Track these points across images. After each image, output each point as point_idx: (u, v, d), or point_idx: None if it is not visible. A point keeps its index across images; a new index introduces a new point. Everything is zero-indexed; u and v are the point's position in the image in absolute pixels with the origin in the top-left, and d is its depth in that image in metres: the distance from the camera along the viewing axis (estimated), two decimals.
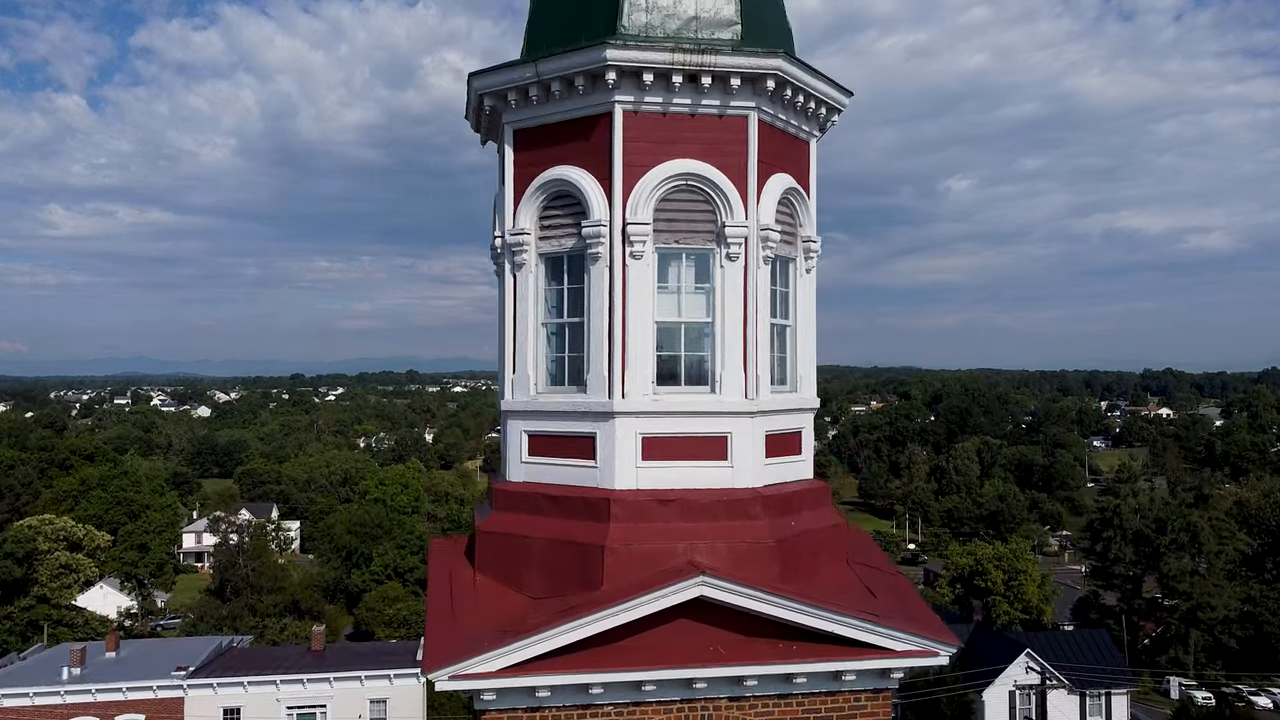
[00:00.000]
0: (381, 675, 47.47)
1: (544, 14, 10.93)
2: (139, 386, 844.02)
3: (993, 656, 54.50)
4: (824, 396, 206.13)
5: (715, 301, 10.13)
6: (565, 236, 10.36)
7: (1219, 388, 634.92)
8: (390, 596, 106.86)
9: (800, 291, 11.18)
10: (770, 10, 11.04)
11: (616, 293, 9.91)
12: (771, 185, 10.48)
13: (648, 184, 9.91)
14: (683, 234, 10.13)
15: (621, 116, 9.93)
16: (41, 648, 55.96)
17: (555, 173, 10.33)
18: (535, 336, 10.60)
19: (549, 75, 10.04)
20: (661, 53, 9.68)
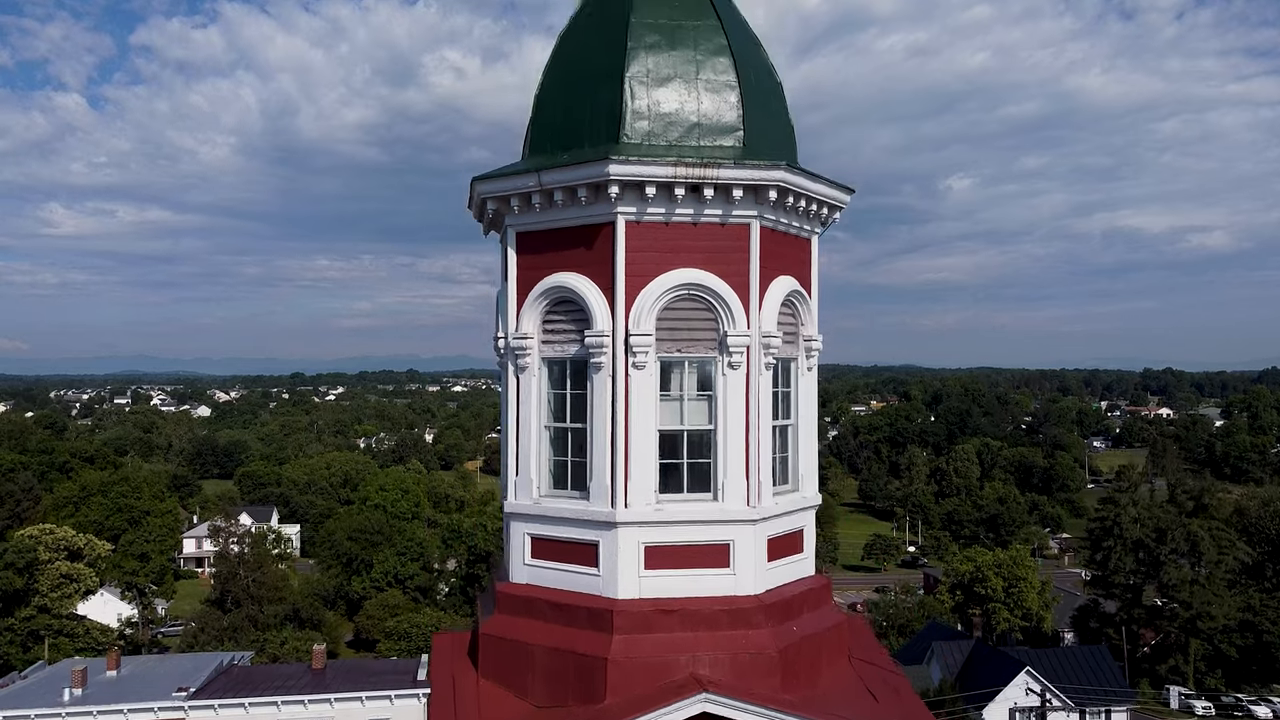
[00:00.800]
0: (383, 696, 47.54)
1: (547, 117, 10.92)
2: (139, 385, 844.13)
3: (992, 674, 54.58)
4: (824, 397, 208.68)
5: (717, 409, 10.15)
6: (568, 342, 10.37)
7: (1219, 387, 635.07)
8: (391, 604, 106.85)
9: (802, 389, 11.20)
10: (772, 111, 11.04)
11: (619, 401, 9.93)
12: (774, 290, 10.49)
13: (650, 294, 9.92)
14: (685, 343, 10.15)
15: (624, 226, 9.93)
16: (42, 665, 55.90)
17: (558, 279, 10.33)
18: (538, 439, 10.61)
19: (552, 185, 10.03)
20: (664, 166, 9.67)
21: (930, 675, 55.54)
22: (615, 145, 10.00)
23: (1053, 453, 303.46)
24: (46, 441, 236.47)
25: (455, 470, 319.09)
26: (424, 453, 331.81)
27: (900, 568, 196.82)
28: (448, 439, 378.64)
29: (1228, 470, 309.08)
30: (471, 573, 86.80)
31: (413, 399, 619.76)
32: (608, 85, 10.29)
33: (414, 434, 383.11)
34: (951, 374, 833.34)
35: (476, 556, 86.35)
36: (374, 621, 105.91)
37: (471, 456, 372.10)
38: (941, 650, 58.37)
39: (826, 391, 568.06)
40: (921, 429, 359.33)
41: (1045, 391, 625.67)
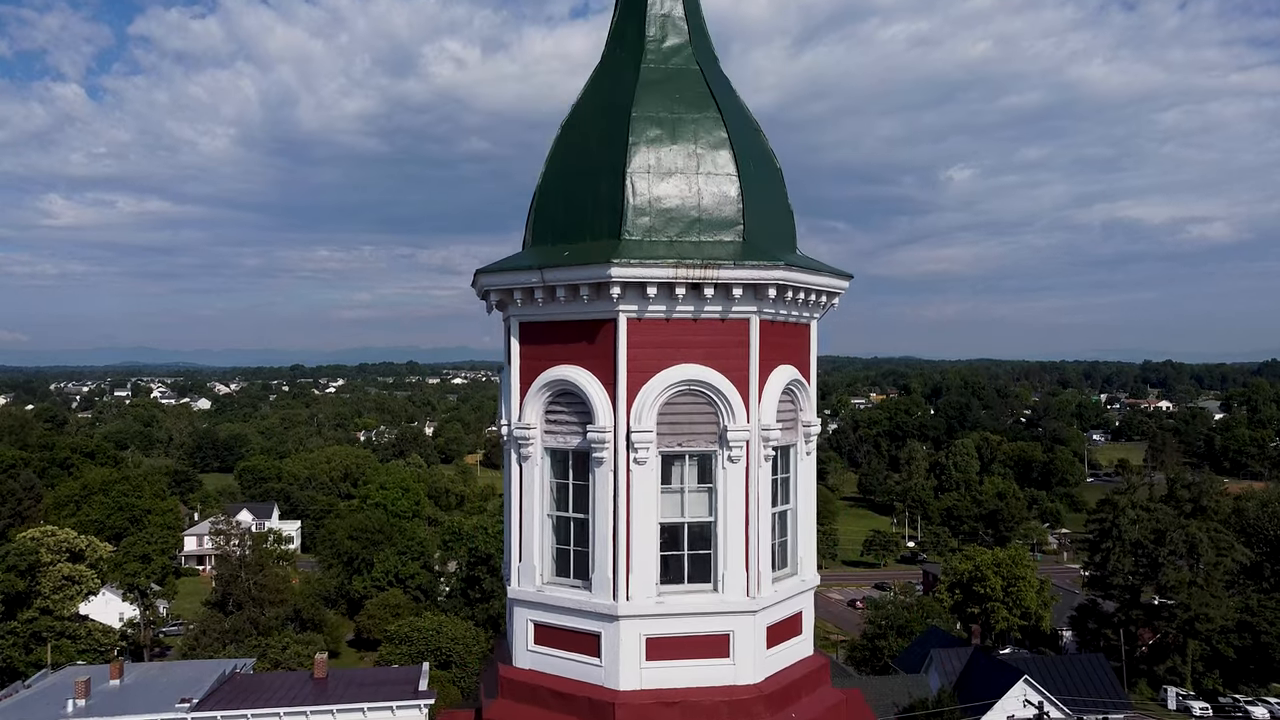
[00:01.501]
0: (384, 707, 47.90)
1: (550, 208, 11.04)
2: (139, 377, 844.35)
3: (991, 682, 54.90)
4: (823, 389, 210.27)
5: (718, 501, 10.30)
6: (570, 434, 10.52)
7: (1219, 380, 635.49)
8: (392, 604, 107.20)
9: (801, 473, 11.35)
10: (772, 200, 11.16)
11: (621, 495, 10.08)
12: (773, 381, 10.63)
13: (652, 391, 10.06)
14: (686, 437, 10.29)
15: (626, 323, 10.06)
16: (45, 673, 56.17)
17: (560, 372, 10.47)
18: (541, 527, 10.76)
19: (554, 282, 10.16)
20: (666, 268, 9.79)
21: (929, 684, 55.85)
22: (617, 242, 10.12)
23: (1052, 447, 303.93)
24: (47, 437, 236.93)
25: (455, 464, 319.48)
26: (424, 447, 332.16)
27: (900, 563, 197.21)
28: (448, 432, 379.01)
29: (1227, 464, 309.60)
30: (472, 574, 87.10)
31: (413, 391, 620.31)
32: (609, 180, 10.41)
33: (414, 428, 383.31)
34: (951, 365, 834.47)
35: (477, 559, 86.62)
36: (375, 621, 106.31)
37: (471, 450, 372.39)
38: (940, 658, 58.69)
39: (826, 384, 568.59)
40: (921, 423, 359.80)
41: (1045, 384, 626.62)
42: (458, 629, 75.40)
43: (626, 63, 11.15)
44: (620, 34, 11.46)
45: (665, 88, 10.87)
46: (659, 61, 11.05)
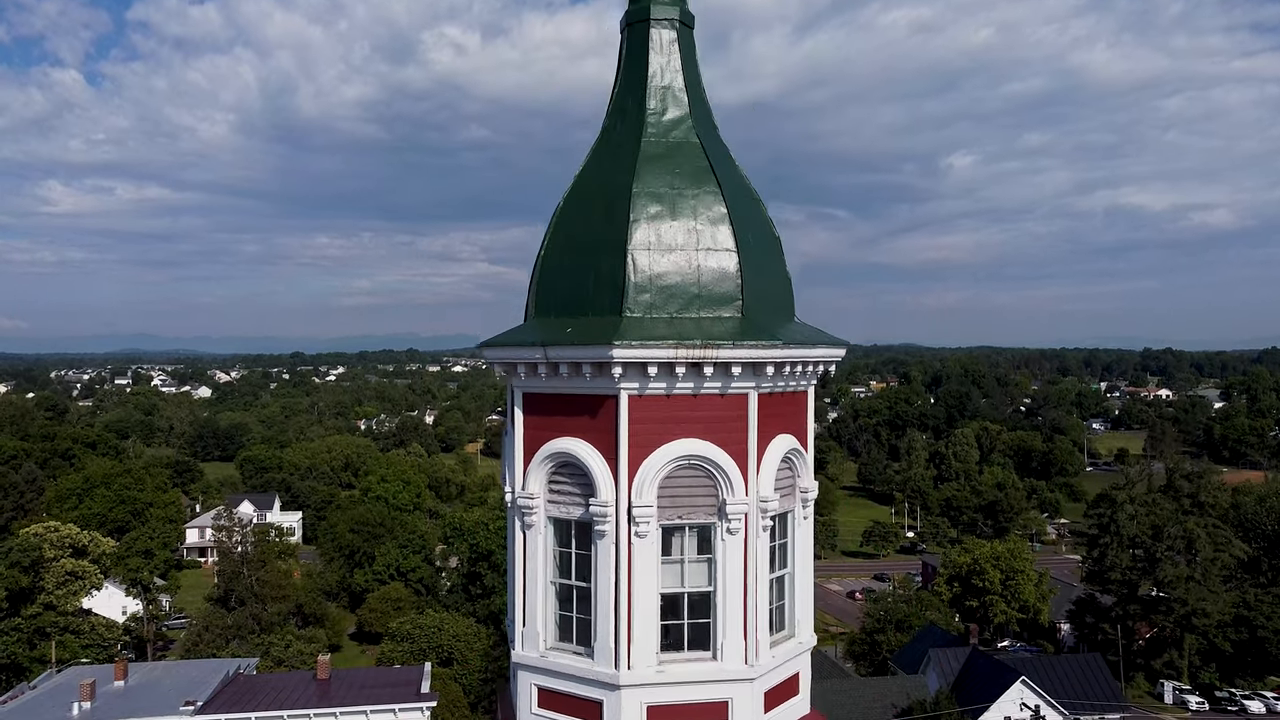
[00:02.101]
0: (386, 709, 48.33)
1: (552, 281, 11.24)
2: (139, 365, 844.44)
3: (988, 683, 55.35)
4: (822, 378, 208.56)
5: (717, 571, 10.54)
6: (573, 505, 10.75)
7: (1219, 368, 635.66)
8: (393, 598, 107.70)
9: (798, 538, 11.59)
10: (770, 273, 11.36)
11: (622, 567, 10.33)
12: (771, 451, 10.86)
13: (652, 466, 10.29)
14: (685, 509, 10.53)
15: (627, 401, 10.28)
16: (49, 674, 56.58)
17: (563, 445, 10.69)
18: (544, 594, 11.01)
19: (557, 360, 10.38)
20: (666, 348, 10.00)
21: (927, 685, 56.31)
22: (619, 319, 10.33)
23: (1051, 436, 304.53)
24: (48, 427, 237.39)
25: (456, 453, 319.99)
26: (424, 436, 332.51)
27: (899, 554, 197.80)
28: (448, 421, 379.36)
29: (1226, 453, 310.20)
30: (474, 570, 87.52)
31: (413, 379, 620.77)
32: (611, 257, 10.60)
33: (414, 417, 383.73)
34: (952, 353, 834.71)
35: (478, 555, 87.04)
36: (376, 615, 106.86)
37: (472, 439, 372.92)
38: (938, 658, 59.13)
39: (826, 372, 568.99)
40: (921, 412, 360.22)
41: (1045, 372, 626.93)
42: (459, 626, 75.83)
43: (627, 135, 11.32)
44: (621, 106, 11.62)
45: (665, 163, 11.05)
46: (659, 135, 11.23)
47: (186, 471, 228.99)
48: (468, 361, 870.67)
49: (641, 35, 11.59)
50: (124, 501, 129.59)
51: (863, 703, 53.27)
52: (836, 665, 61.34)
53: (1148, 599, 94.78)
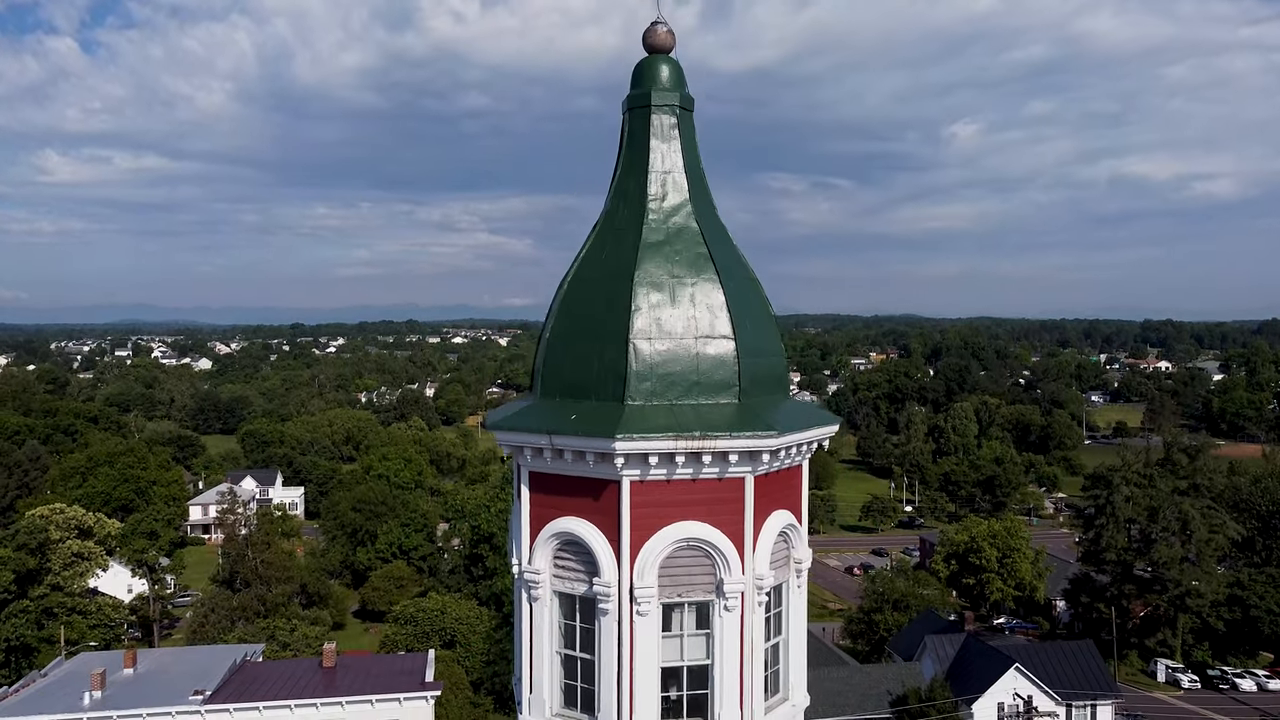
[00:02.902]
0: (391, 698, 49.25)
1: (556, 364, 11.66)
2: (139, 336, 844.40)
3: (982, 670, 56.30)
4: (823, 349, 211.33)
5: (715, 646, 11.05)
6: (577, 581, 11.24)
7: (1218, 339, 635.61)
8: (396, 576, 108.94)
9: (792, 605, 12.08)
10: (766, 354, 11.77)
11: (624, 642, 10.83)
12: (767, 528, 11.34)
13: (653, 548, 10.77)
14: (684, 588, 11.02)
15: (629, 487, 10.74)
16: (60, 661, 57.49)
17: (568, 524, 11.16)
18: (550, 663, 11.52)
19: (562, 447, 10.84)
20: (665, 440, 10.45)
21: (922, 672, 57.28)
22: (621, 408, 10.77)
23: (1050, 409, 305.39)
24: (50, 402, 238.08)
25: (457, 427, 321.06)
26: (425, 409, 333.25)
27: (897, 528, 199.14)
28: (448, 394, 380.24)
29: (1224, 426, 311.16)
30: (475, 552, 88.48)
31: (413, 351, 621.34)
32: (614, 346, 11.02)
33: (415, 390, 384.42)
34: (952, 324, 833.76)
35: (480, 537, 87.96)
36: (379, 594, 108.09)
37: (473, 411, 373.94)
38: (934, 644, 60.08)
39: (826, 344, 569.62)
40: (920, 385, 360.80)
41: (1045, 344, 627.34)
42: (462, 609, 76.86)
43: (629, 221, 11.69)
44: (623, 190, 11.97)
45: (666, 249, 11.42)
46: (660, 220, 11.59)
47: (188, 446, 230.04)
48: (467, 333, 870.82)
49: (643, 120, 11.93)
50: (128, 480, 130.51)
51: (859, 690, 54.26)
52: (834, 653, 62.33)
53: (1142, 578, 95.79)
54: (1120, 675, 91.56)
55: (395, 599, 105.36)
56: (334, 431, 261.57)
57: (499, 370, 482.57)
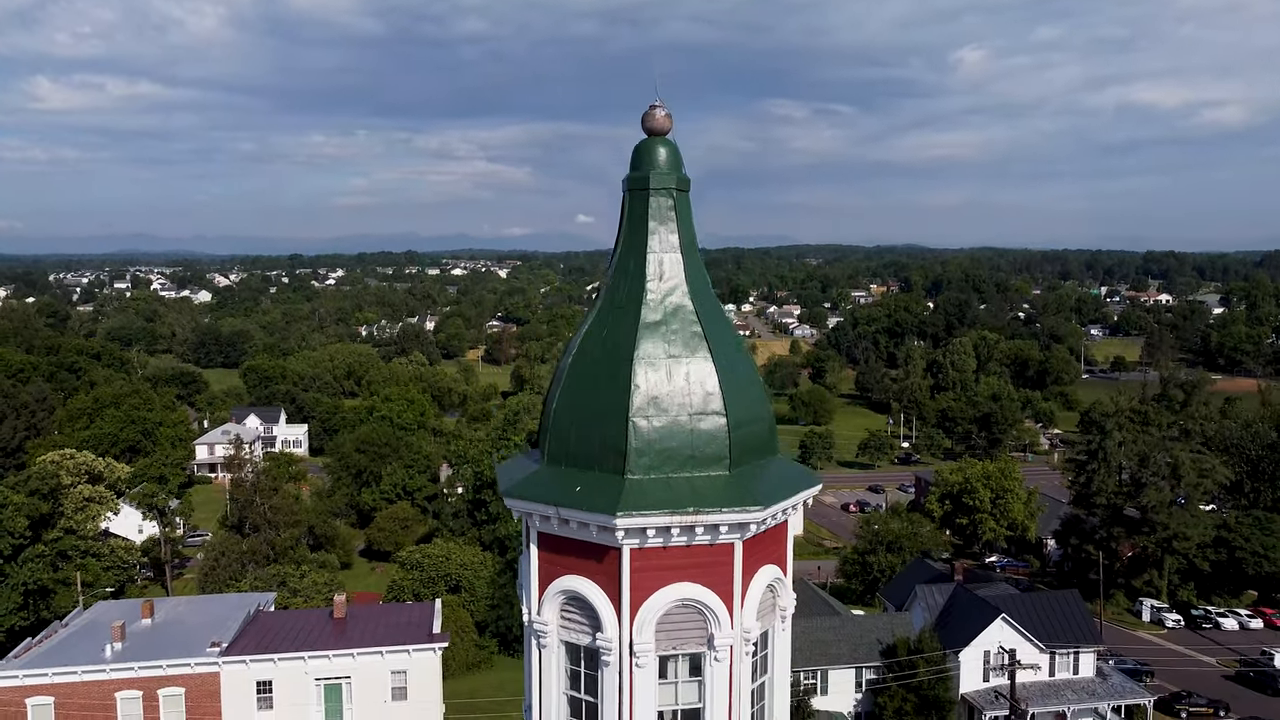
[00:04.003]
0: (401, 650, 51.23)
1: (561, 435, 12.58)
2: (137, 268, 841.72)
3: (970, 618, 58.31)
4: (824, 281, 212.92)
5: (706, 692, 12.21)
6: (581, 634, 12.34)
7: (1220, 271, 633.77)
8: (400, 517, 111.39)
9: (777, 647, 13.22)
10: (755, 423, 12.69)
11: (625, 690, 11.98)
12: (755, 584, 12.41)
13: (651, 608, 11.85)
14: (679, 641, 12.13)
15: (629, 553, 11.77)
16: (79, 612, 59.48)
17: (573, 583, 12.24)
18: (557, 703, 12.70)
19: (567, 517, 11.86)
20: (663, 516, 11.46)
21: (912, 622, 59.31)
22: (621, 483, 11.76)
23: (1049, 344, 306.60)
24: (52, 339, 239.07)
25: (457, 361, 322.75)
26: (425, 344, 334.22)
27: (894, 465, 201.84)
28: (449, 328, 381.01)
29: (1222, 361, 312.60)
30: (478, 497, 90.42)
31: (412, 283, 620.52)
32: (615, 423, 11.94)
33: (415, 325, 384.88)
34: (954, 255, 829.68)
35: (483, 482, 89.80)
36: (385, 534, 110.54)
37: (473, 345, 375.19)
38: (924, 594, 62.06)
39: (827, 277, 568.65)
40: (920, 320, 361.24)
41: (1047, 276, 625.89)
42: (466, 555, 79.04)
43: (629, 299, 12.51)
44: (624, 267, 12.77)
45: (663, 329, 12.27)
46: (658, 299, 12.42)
47: (191, 383, 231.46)
48: (467, 264, 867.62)
49: (642, 202, 12.68)
50: (134, 422, 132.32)
51: (851, 639, 56.34)
52: (827, 603, 64.40)
53: (1131, 519, 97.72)
54: (1106, 615, 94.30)
55: (400, 539, 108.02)
56: (335, 367, 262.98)
57: (498, 303, 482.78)
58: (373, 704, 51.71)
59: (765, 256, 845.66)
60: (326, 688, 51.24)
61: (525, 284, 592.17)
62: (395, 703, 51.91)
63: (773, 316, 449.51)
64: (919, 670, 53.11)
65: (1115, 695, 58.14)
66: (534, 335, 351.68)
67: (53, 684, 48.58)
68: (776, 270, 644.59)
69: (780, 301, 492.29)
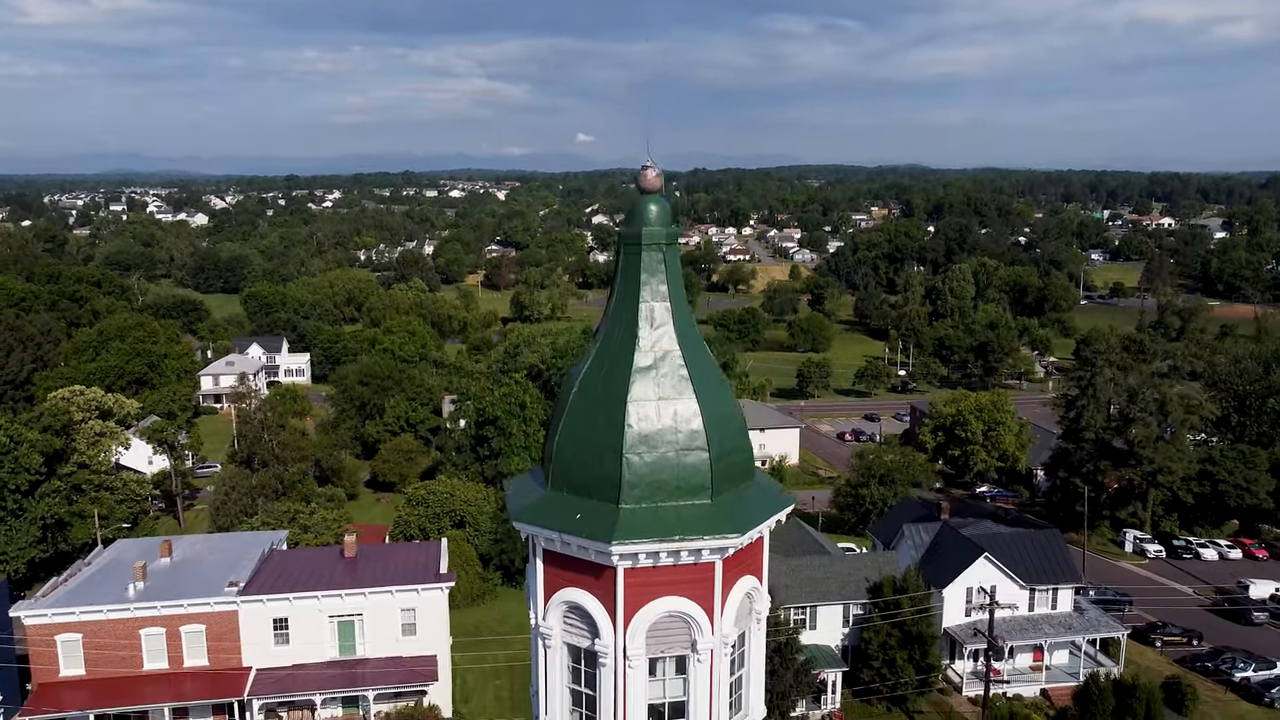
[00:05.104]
0: (410, 589, 53.75)
1: (564, 465, 14.13)
2: (132, 189, 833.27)
3: (955, 556, 60.80)
4: (825, 205, 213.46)
5: (690, 687, 14.01)
6: (581, 637, 14.09)
7: (1225, 193, 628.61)
8: (404, 450, 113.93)
9: (753, 645, 14.98)
10: (734, 453, 14.24)
11: (619, 687, 13.76)
12: (733, 595, 14.11)
13: (642, 619, 13.57)
14: (666, 646, 13.87)
15: (623, 572, 13.43)
16: (100, 551, 61.79)
17: (574, 595, 13.94)
18: (560, 695, 14.51)
19: (569, 540, 13.49)
20: (652, 543, 13.09)
21: (899, 560, 61.84)
22: (616, 511, 13.38)
23: (1049, 270, 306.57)
24: (52, 266, 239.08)
25: (457, 287, 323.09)
26: (425, 269, 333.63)
27: (890, 393, 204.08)
28: (448, 253, 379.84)
29: (1220, 287, 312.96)
30: (480, 434, 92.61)
31: (410, 205, 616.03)
32: (611, 460, 13.49)
33: (413, 250, 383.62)
34: (957, 176, 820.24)
35: (485, 419, 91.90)
36: (390, 465, 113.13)
37: (472, 270, 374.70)
38: (911, 533, 64.47)
39: (828, 199, 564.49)
40: (920, 245, 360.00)
41: (1050, 198, 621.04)
42: (470, 491, 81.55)
43: (623, 346, 13.97)
44: (619, 315, 14.18)
45: (653, 373, 13.73)
46: (649, 345, 13.85)
47: (192, 310, 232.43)
48: (465, 185, 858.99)
49: (635, 255, 14.04)
50: (139, 354, 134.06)
51: (839, 578, 58.92)
52: (817, 542, 66.92)
53: (1119, 451, 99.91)
54: (1090, 546, 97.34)
55: (405, 471, 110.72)
56: (335, 293, 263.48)
57: (497, 227, 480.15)
58: (384, 639, 54.46)
59: (766, 178, 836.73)
60: (340, 624, 53.92)
61: (524, 206, 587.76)
62: (405, 638, 54.67)
63: (773, 240, 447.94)
64: (903, 608, 55.73)
65: (1090, 629, 60.98)
66: (533, 260, 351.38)
67: (80, 622, 51.18)
68: (778, 192, 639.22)
69: (781, 225, 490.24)
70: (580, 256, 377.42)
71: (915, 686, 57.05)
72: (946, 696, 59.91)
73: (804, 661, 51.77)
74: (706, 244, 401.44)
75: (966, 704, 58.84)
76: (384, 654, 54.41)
